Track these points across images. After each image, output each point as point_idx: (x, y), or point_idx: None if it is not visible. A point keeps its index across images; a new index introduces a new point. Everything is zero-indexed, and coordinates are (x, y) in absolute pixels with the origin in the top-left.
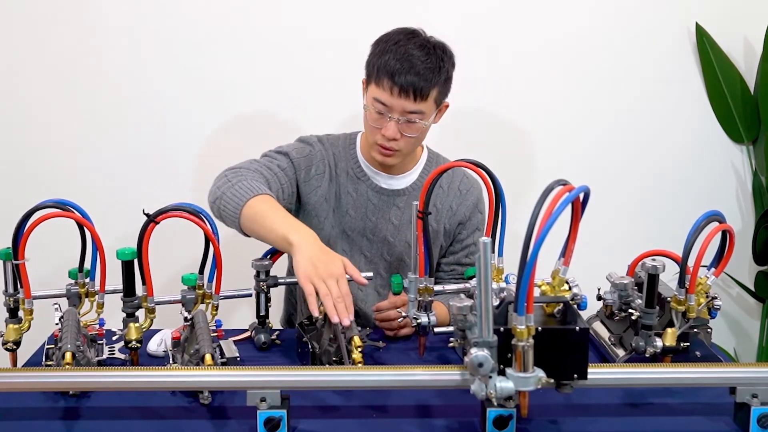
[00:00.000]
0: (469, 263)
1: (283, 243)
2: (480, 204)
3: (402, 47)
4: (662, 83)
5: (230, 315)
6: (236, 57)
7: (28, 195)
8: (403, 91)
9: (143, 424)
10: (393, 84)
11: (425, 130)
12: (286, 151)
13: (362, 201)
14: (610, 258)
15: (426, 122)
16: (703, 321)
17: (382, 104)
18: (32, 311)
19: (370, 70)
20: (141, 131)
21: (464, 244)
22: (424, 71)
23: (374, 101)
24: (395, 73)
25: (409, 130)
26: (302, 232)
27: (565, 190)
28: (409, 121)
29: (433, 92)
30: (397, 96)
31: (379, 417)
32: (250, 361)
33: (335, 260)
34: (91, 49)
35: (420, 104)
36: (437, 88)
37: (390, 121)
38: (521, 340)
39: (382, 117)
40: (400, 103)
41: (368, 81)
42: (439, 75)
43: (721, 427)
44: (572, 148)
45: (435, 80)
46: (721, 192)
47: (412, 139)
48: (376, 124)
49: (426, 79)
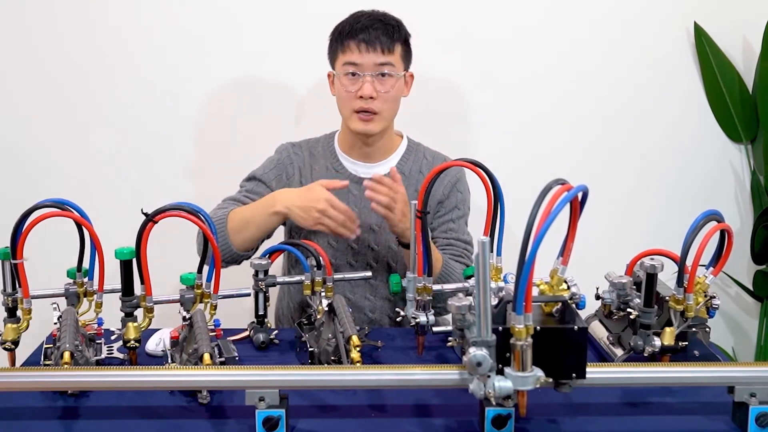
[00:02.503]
0: (445, 239)
1: (275, 218)
2: (459, 184)
3: (356, 17)
4: (660, 82)
5: (229, 314)
6: (236, 58)
7: (27, 194)
8: (370, 45)
9: (142, 423)
10: (359, 41)
11: (399, 90)
12: (252, 175)
13: (342, 193)
14: (608, 257)
15: (398, 74)
16: (702, 320)
17: (353, 64)
18: (31, 311)
19: (334, 45)
20: (140, 131)
21: (441, 220)
22: (383, 27)
23: (345, 65)
24: (359, 32)
25: (384, 85)
26: (278, 197)
27: (563, 190)
28: (382, 75)
29: (397, 48)
30: (365, 51)
31: (378, 416)
32: (249, 361)
33: (315, 189)
34: (90, 49)
35: (389, 56)
36: (399, 45)
37: (364, 80)
38: (520, 340)
39: (356, 79)
40: (369, 58)
41: (334, 55)
42: (398, 32)
43: (720, 426)
44: (570, 147)
45: (395, 35)
46: (720, 191)
47: (389, 98)
48: (351, 87)
49: (387, 34)
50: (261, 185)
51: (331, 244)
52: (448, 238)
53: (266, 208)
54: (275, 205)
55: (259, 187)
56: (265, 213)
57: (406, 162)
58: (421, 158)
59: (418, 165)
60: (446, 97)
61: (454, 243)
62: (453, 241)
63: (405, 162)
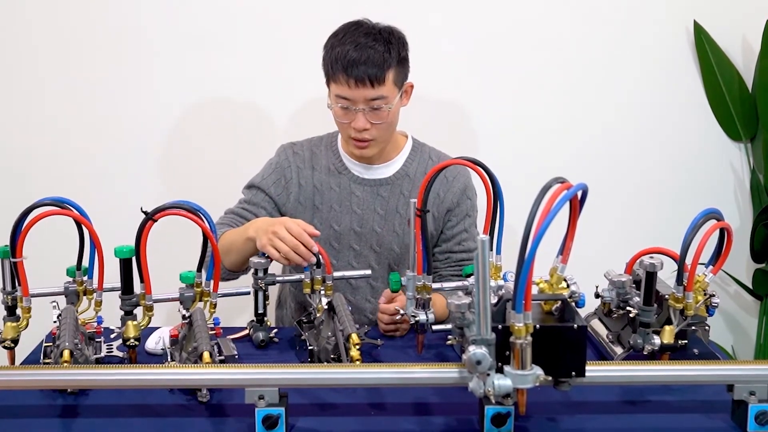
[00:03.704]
0: (461, 250)
1: (250, 244)
2: (468, 190)
3: (349, 38)
4: (660, 81)
5: (228, 313)
6: (236, 57)
7: (26, 193)
8: (359, 81)
9: (141, 421)
10: (348, 77)
11: (394, 114)
12: (251, 183)
13: (345, 194)
14: (608, 256)
15: (391, 106)
16: (701, 318)
17: (344, 98)
18: (30, 309)
19: (326, 68)
20: (140, 129)
21: (454, 231)
22: (375, 57)
23: (336, 98)
24: (348, 66)
25: (377, 117)
26: (254, 224)
27: (563, 188)
28: (374, 109)
29: (390, 75)
30: (354, 87)
31: (378, 414)
32: (248, 359)
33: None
34: (90, 46)
35: (379, 89)
36: (392, 71)
37: (356, 113)
38: (519, 338)
39: (348, 111)
40: (359, 93)
41: (327, 80)
42: (390, 58)
43: (719, 424)
44: (570, 146)
45: (387, 64)
46: (719, 190)
47: (383, 126)
48: (344, 119)
49: (378, 65)
50: (259, 193)
51: (333, 246)
52: (464, 250)
53: (242, 234)
54: (248, 231)
55: (257, 197)
56: (242, 239)
57: (412, 163)
58: (427, 159)
59: (424, 166)
60: (446, 97)
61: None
62: (471, 254)
63: (410, 163)
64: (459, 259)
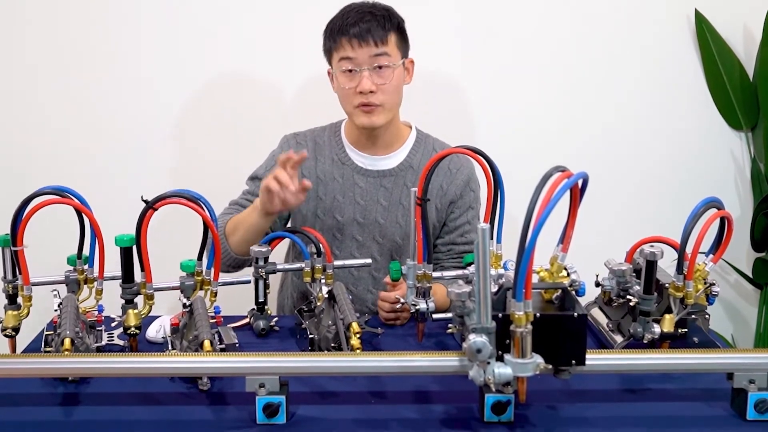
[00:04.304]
0: (464, 242)
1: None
2: (471, 182)
3: (344, 13)
4: (661, 70)
5: (229, 302)
6: (234, 48)
7: (27, 181)
8: (362, 39)
9: (142, 409)
10: (350, 37)
11: (399, 79)
12: (254, 174)
13: (348, 185)
14: (608, 244)
15: (395, 64)
16: (701, 307)
17: (348, 59)
18: (31, 298)
19: (328, 44)
20: (140, 118)
21: (457, 223)
22: (374, 18)
23: (340, 62)
24: (349, 27)
25: (382, 77)
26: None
27: (563, 177)
28: (379, 67)
29: (391, 37)
30: (358, 46)
31: (378, 403)
32: (249, 348)
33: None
34: (93, 34)
35: (383, 47)
36: (393, 34)
37: (361, 73)
38: (519, 326)
39: (353, 74)
40: (363, 52)
41: (329, 54)
42: (390, 21)
43: (719, 412)
44: (570, 135)
45: (387, 25)
46: (720, 179)
47: (389, 89)
48: (350, 84)
49: (379, 24)
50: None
51: (335, 236)
52: (467, 242)
53: (248, 209)
54: (255, 202)
55: (259, 188)
56: (246, 212)
57: (416, 154)
58: (431, 150)
59: (428, 157)
60: (446, 86)
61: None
62: (473, 246)
63: (414, 154)
64: (461, 251)
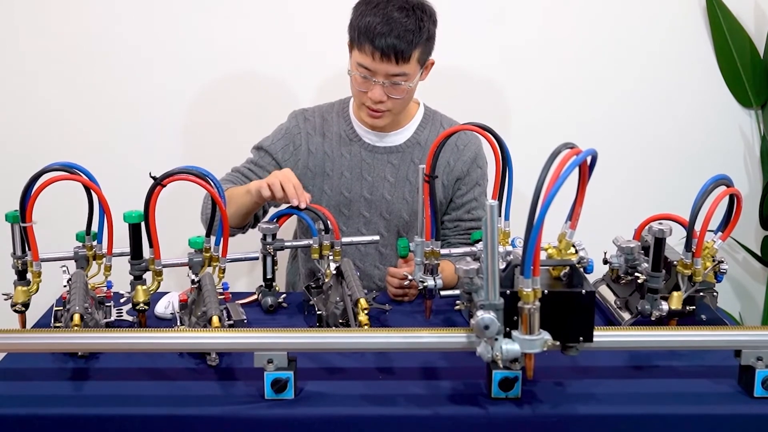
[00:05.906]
0: (470, 219)
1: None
2: (479, 159)
3: (381, 10)
4: (671, 47)
5: (237, 278)
6: (235, 24)
7: (36, 158)
8: (384, 55)
9: (151, 385)
10: (374, 48)
11: (412, 90)
12: (260, 145)
13: (356, 162)
14: (616, 222)
15: (411, 83)
16: (709, 285)
17: (366, 68)
18: (40, 273)
19: (351, 33)
20: (149, 94)
21: (464, 200)
22: (404, 33)
23: (358, 66)
24: (376, 37)
25: (395, 92)
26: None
27: (572, 154)
28: (394, 84)
29: (416, 53)
30: (379, 60)
31: (385, 379)
32: (257, 324)
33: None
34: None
35: (403, 66)
36: (419, 49)
37: (375, 84)
38: (527, 303)
39: (367, 81)
40: (383, 67)
41: (351, 45)
42: (419, 36)
43: (726, 389)
44: (580, 112)
45: (416, 41)
46: (729, 156)
47: (399, 100)
48: (362, 87)
49: (407, 41)
50: (266, 156)
51: (342, 212)
52: (474, 219)
53: (242, 188)
54: (248, 186)
55: (264, 159)
56: (241, 191)
57: (423, 131)
58: (438, 127)
59: (435, 134)
60: (453, 64)
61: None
62: (480, 222)
63: (422, 131)
64: (468, 228)
